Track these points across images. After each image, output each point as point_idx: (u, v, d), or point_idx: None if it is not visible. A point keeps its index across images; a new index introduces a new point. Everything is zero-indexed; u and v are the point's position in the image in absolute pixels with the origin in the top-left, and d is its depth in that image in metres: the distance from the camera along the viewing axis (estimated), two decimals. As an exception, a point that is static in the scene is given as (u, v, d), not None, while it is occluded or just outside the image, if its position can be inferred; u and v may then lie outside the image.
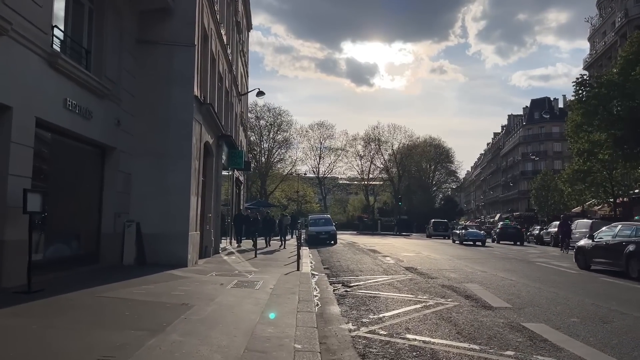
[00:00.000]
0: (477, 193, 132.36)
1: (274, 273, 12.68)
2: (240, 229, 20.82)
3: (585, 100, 23.05)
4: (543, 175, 51.24)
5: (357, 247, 26.08)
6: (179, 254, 12.97)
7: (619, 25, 42.44)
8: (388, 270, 14.40)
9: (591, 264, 15.38)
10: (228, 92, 23.02)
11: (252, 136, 68.86)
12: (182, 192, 13.19)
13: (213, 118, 15.89)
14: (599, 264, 14.94)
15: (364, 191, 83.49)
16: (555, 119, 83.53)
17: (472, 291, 10.13)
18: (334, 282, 12.09)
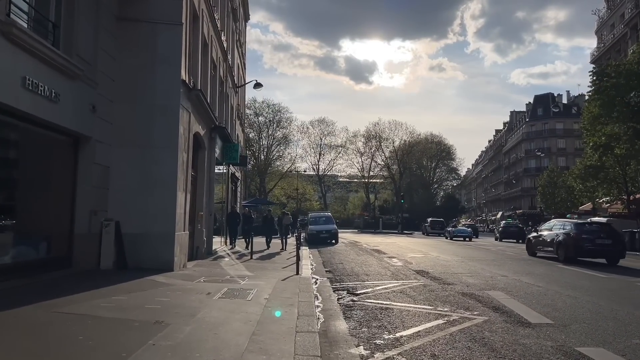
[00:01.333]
0: (478, 191, 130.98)
1: (271, 278, 11.29)
2: (233, 228, 19.37)
3: (604, 90, 21.67)
4: (550, 172, 49.80)
5: (360, 246, 24.69)
6: (164, 257, 11.58)
7: (628, 16, 41.01)
8: (397, 274, 13.01)
9: (536, 251, 19.57)
10: (223, 82, 21.61)
11: (251, 133, 67.51)
12: (168, 188, 11.79)
13: (204, 107, 14.47)
14: (541, 252, 19.11)
15: (365, 189, 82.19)
16: (559, 115, 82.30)
17: (498, 301, 8.74)
18: (338, 288, 10.71)
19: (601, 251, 16.73)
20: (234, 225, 18.93)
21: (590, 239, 16.63)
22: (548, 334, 6.35)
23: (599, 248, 16.58)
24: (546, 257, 18.64)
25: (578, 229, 16.95)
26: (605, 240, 16.44)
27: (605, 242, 16.63)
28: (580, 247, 16.71)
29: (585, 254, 16.84)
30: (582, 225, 17.57)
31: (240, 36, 30.97)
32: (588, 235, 16.67)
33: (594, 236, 16.46)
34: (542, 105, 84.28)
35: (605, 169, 29.22)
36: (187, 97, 12.80)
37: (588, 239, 16.59)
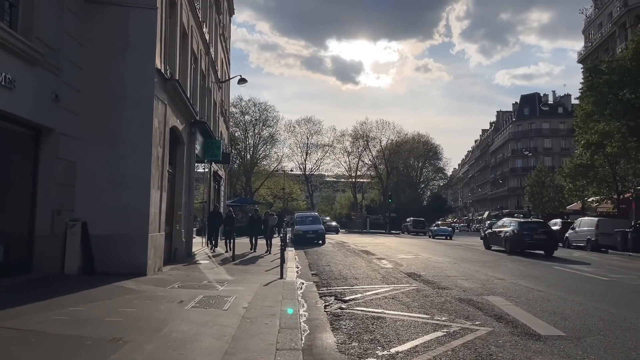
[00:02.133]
0: (464, 190, 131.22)
1: (252, 283, 10.43)
2: (215, 229, 18.16)
3: (596, 87, 21.16)
4: (538, 172, 49.55)
5: (348, 247, 23.90)
6: (136, 260, 10.66)
7: (617, 15, 40.81)
8: (387, 277, 12.24)
9: (491, 245, 22.82)
10: (205, 75, 20.67)
11: (237, 132, 66.43)
12: (141, 185, 10.87)
13: (182, 99, 13.55)
14: (494, 246, 22.38)
15: (352, 188, 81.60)
16: (545, 115, 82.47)
17: (500, 308, 8.00)
18: (325, 293, 9.90)
19: (538, 244, 20.30)
20: (216, 225, 17.86)
21: (530, 234, 19.63)
22: (563, 350, 5.60)
23: (537, 242, 19.90)
24: (499, 250, 22.01)
25: (520, 226, 19.87)
26: (542, 235, 19.38)
27: (541, 237, 19.87)
28: (522, 241, 20.00)
29: (526, 247, 20.10)
30: (524, 224, 20.67)
31: (224, 30, 30.00)
32: (528, 232, 19.63)
33: (533, 232, 19.38)
34: (529, 105, 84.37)
35: (595, 168, 28.85)
36: (163, 87, 11.88)
37: (528, 234, 19.54)
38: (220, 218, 18.26)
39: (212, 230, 17.94)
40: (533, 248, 20.23)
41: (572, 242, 27.53)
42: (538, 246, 20.23)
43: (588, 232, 25.99)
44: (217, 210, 18.70)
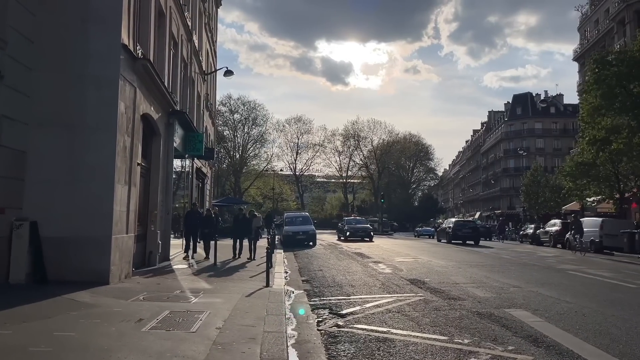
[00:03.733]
0: (455, 191, 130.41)
1: (233, 293, 8.95)
2: (192, 231, 15.41)
3: (604, 80, 19.94)
4: (533, 171, 48.45)
5: (341, 249, 22.45)
6: (97, 267, 9.13)
7: (615, 11, 39.85)
8: (388, 284, 10.81)
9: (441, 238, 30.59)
10: (187, 64, 19.13)
11: (226, 130, 64.82)
12: (103, 179, 9.35)
13: (156, 83, 12.02)
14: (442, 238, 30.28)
15: (343, 189, 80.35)
16: (538, 115, 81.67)
17: (531, 326, 6.59)
18: (318, 305, 8.45)
19: (466, 236, 29.87)
20: (193, 227, 15.44)
21: (460, 229, 28.16)
22: (639, 391, 4.20)
23: (465, 234, 29.06)
24: (444, 241, 30.90)
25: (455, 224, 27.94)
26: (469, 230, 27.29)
27: (468, 231, 28.91)
28: (456, 234, 29.79)
29: (459, 238, 29.78)
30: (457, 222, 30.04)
31: (210, 20, 28.47)
32: (459, 227, 28.23)
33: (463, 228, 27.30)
34: (521, 105, 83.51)
35: (597, 166, 27.68)
36: (132, 67, 10.34)
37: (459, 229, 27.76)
38: (198, 219, 15.69)
39: (189, 233, 15.40)
40: (463, 239, 29.68)
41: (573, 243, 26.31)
42: (467, 237, 29.83)
43: (592, 233, 24.75)
44: (195, 210, 16.16)
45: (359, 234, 31.84)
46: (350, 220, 35.83)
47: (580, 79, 49.42)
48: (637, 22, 36.00)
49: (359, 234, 31.84)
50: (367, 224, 34.81)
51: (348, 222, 34.20)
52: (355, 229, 32.42)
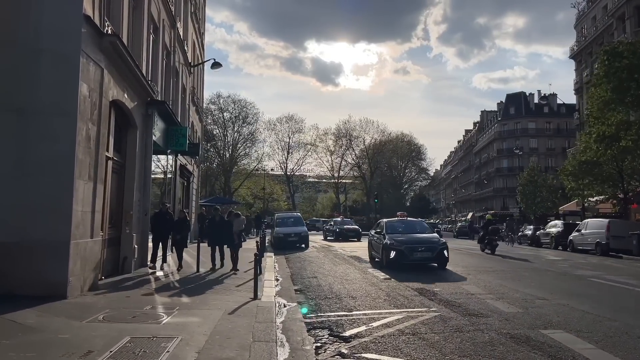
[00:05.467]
0: (447, 191, 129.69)
1: (214, 309, 7.53)
2: (162, 235, 12.75)
3: (614, 72, 18.79)
4: (530, 171, 47.42)
5: (335, 252, 21.06)
6: (51, 278, 7.68)
7: (614, 6, 38.89)
8: (393, 295, 9.46)
9: None
10: (170, 53, 17.67)
11: (216, 129, 63.27)
12: (60, 173, 7.90)
13: (129, 66, 10.55)
14: None
15: (334, 189, 79.03)
16: (531, 114, 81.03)
17: (583, 356, 5.26)
18: (315, 324, 7.09)
19: None
20: (163, 231, 12.71)
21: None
22: None
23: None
24: None
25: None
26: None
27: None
28: None
29: None
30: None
31: (198, 11, 27.00)
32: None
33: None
34: (514, 105, 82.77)
35: (600, 165, 26.57)
36: (97, 44, 8.88)
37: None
38: (169, 222, 12.96)
39: (157, 239, 12.69)
40: None
41: (577, 246, 25.16)
42: None
43: (597, 235, 23.57)
44: (165, 211, 13.11)
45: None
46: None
47: (576, 78, 48.53)
48: (638, 17, 35.05)
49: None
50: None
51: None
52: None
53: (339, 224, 34.67)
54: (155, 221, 12.69)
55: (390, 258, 14.03)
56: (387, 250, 14.25)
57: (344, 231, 33.04)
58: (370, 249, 16.91)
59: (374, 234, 16.87)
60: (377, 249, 15.54)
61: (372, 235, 17.01)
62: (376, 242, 15.89)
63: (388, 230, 15.68)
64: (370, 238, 17.36)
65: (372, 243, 16.76)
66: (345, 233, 32.81)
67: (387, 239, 14.77)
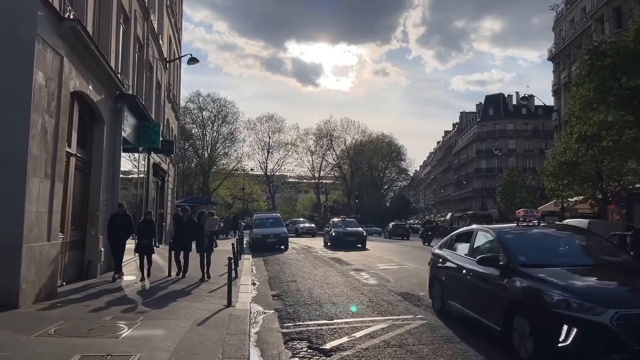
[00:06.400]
0: (426, 192, 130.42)
1: (182, 319, 6.88)
2: (117, 240, 10.84)
3: (597, 72, 18.65)
4: (510, 171, 47.63)
5: (315, 254, 20.46)
6: (0, 285, 6.91)
7: (593, 8, 39.20)
8: (377, 301, 8.92)
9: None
10: (143, 46, 16.85)
11: (194, 128, 62.13)
12: (10, 170, 7.14)
13: (94, 55, 9.79)
14: None
15: (315, 189, 78.48)
16: (510, 115, 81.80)
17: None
18: (293, 335, 6.50)
19: None
20: (120, 236, 10.80)
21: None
22: None
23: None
24: None
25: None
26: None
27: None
28: None
29: None
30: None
31: (174, 5, 26.13)
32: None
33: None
34: (493, 106, 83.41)
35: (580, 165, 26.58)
36: (57, 30, 8.13)
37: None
38: (126, 225, 10.95)
39: (114, 244, 10.89)
40: None
41: (557, 246, 25.08)
42: None
43: (577, 235, 23.53)
44: (123, 212, 10.99)
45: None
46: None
47: (555, 79, 48.93)
48: (617, 19, 35.32)
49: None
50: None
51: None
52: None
53: (337, 226, 26.11)
54: (109, 224, 10.85)
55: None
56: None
57: (342, 235, 24.75)
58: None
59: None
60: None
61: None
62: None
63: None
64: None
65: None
66: (343, 238, 24.55)
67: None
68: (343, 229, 25.47)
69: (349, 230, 25.29)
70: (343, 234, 24.81)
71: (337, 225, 26.22)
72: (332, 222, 27.51)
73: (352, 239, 24.69)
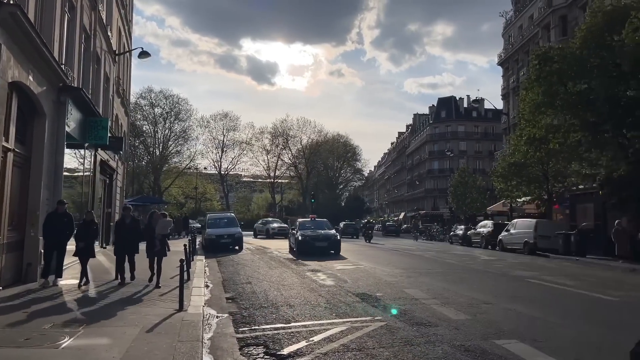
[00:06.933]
0: (380, 192, 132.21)
1: (129, 325, 6.46)
2: (54, 242, 9.94)
3: (545, 77, 19.31)
4: (461, 172, 48.89)
5: (271, 255, 20.13)
6: None
7: (540, 16, 40.77)
8: (334, 302, 8.76)
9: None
10: (90, 37, 16.04)
11: (145, 125, 60.21)
12: (-63, 166, 6.49)
13: (34, 43, 9.12)
14: None
15: (270, 189, 77.86)
16: (461, 118, 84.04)
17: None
18: (248, 340, 6.23)
19: None
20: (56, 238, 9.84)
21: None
22: None
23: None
24: None
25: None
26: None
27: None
28: None
29: None
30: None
31: (124, -5, 25.07)
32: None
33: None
34: (445, 108, 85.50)
35: (527, 167, 27.59)
36: (-9, 13, 7.49)
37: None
38: (66, 225, 9.95)
39: (49, 246, 9.96)
40: None
41: (506, 245, 25.90)
42: None
43: (525, 235, 24.37)
44: (63, 211, 9.99)
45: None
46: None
47: (504, 83, 50.58)
48: (562, 27, 36.87)
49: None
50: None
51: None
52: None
53: (305, 228, 21.13)
54: (45, 225, 9.90)
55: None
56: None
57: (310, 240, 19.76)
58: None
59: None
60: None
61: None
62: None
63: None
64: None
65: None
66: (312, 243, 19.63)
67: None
68: (312, 231, 20.56)
69: (319, 234, 20.40)
70: (312, 238, 19.91)
71: (304, 227, 21.33)
72: (298, 223, 22.34)
73: (323, 244, 19.83)
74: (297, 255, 19.08)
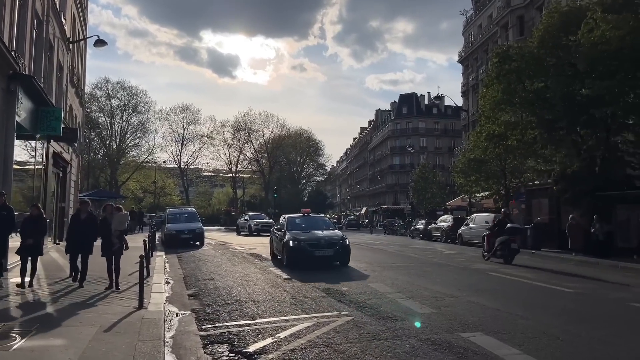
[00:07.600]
0: (343, 187, 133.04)
1: (86, 325, 6.16)
2: None
3: (504, 75, 19.79)
4: (422, 168, 49.72)
5: (233, 250, 19.83)
6: None
7: (499, 15, 41.79)
8: (299, 298, 8.66)
9: None
10: (42, 22, 15.26)
11: (101, 117, 58.17)
12: None
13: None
14: None
15: (232, 183, 76.82)
16: (422, 114, 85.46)
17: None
18: (212, 337, 6.07)
19: None
20: None
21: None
22: None
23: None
24: None
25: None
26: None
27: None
28: None
29: None
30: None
31: (79, -19, 24.04)
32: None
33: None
34: (407, 105, 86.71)
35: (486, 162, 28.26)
36: None
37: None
38: (7, 219, 9.01)
39: None
40: None
41: (466, 239, 26.49)
42: None
43: (484, 229, 24.94)
44: (2, 203, 9.04)
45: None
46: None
47: (464, 81, 51.64)
48: (520, 26, 37.93)
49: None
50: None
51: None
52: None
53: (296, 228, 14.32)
54: None
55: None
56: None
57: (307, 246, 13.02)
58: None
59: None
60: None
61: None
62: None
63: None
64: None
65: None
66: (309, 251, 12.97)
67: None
68: (308, 233, 13.84)
69: (320, 237, 13.71)
70: (310, 244, 13.23)
71: (295, 226, 14.60)
72: (287, 221, 14.91)
73: (326, 253, 13.25)
74: (286, 267, 13.12)
